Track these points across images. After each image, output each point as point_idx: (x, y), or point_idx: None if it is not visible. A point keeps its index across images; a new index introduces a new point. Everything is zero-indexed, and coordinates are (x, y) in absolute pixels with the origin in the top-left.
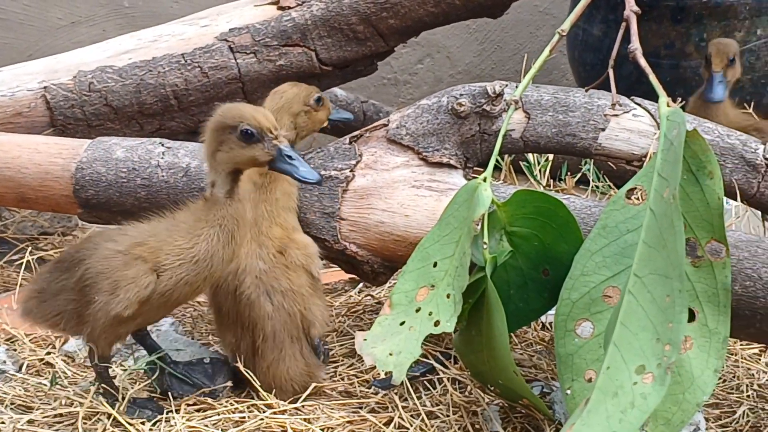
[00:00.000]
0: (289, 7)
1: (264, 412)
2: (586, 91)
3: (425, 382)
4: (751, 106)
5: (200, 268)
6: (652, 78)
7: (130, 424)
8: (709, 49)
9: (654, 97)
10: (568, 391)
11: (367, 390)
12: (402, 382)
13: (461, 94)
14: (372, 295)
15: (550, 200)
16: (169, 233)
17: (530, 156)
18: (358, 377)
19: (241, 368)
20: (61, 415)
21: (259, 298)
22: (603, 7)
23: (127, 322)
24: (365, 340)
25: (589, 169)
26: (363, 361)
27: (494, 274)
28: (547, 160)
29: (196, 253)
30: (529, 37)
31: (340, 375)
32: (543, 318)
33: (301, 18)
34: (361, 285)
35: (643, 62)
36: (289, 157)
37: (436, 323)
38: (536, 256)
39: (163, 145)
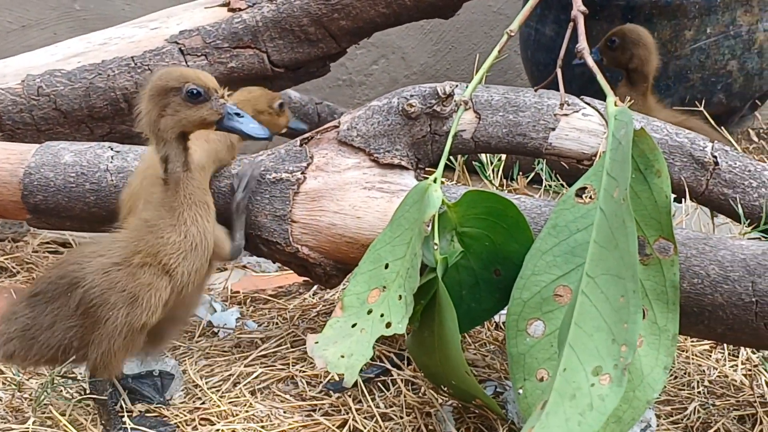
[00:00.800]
0: (240, 9)
1: (217, 423)
2: (536, 91)
3: (379, 383)
4: (702, 104)
5: (201, 250)
6: (600, 77)
7: None
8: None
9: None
10: (521, 391)
11: (320, 393)
12: (355, 384)
13: (411, 95)
14: (326, 298)
15: (500, 200)
16: (155, 237)
17: (483, 156)
18: (311, 380)
19: (192, 374)
20: None
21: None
22: (555, 7)
23: (144, 330)
24: (317, 342)
25: (542, 169)
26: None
27: (446, 275)
28: (499, 159)
29: (192, 240)
30: (484, 37)
31: (293, 378)
32: (496, 318)
33: (251, 20)
34: (315, 288)
35: (590, 62)
36: (238, 114)
37: (388, 325)
38: (487, 256)
39: (111, 149)
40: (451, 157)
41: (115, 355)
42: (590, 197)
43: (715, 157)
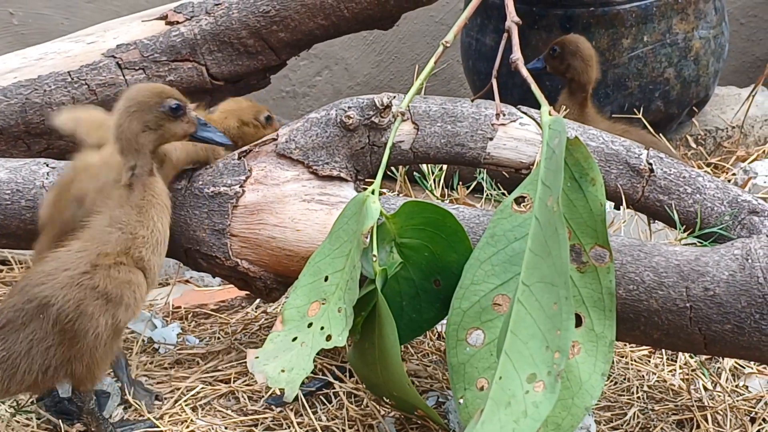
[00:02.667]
0: (178, 22)
1: None
2: (472, 101)
3: (321, 396)
4: (641, 112)
5: (163, 247)
6: (534, 87)
7: None
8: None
9: (549, 102)
10: (461, 401)
11: (262, 407)
12: (297, 397)
13: (349, 107)
14: (268, 312)
15: (438, 211)
16: (122, 232)
17: (424, 166)
18: (253, 395)
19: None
20: None
21: None
22: (495, 17)
23: (122, 332)
24: (257, 357)
25: (483, 178)
26: None
27: (386, 286)
28: (440, 169)
29: (158, 236)
30: (426, 47)
31: (234, 393)
32: (439, 327)
33: (189, 33)
34: (258, 301)
35: (524, 71)
36: (205, 125)
37: (328, 338)
38: (427, 267)
39: (47, 165)
40: (392, 168)
41: (99, 365)
42: (528, 206)
43: (651, 164)
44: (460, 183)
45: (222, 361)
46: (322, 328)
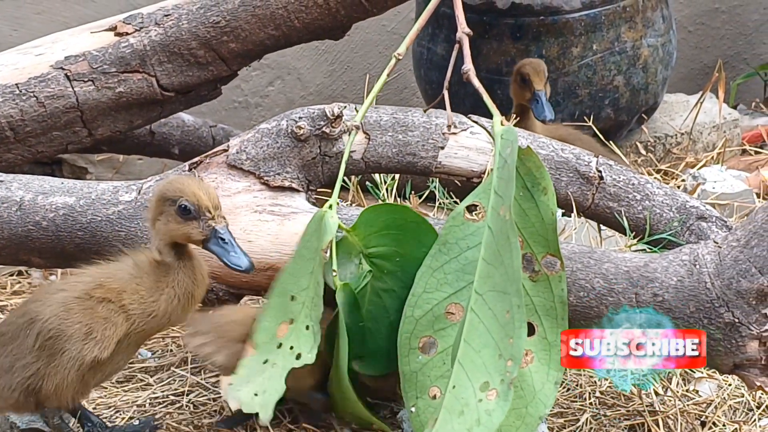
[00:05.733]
0: (127, 33)
1: None
2: (425, 111)
3: (277, 413)
4: (590, 119)
5: (156, 322)
6: (486, 98)
7: None
8: (525, 69)
9: (501, 112)
10: (413, 409)
11: (215, 421)
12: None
13: (300, 117)
14: None
15: (395, 209)
16: (131, 280)
17: (376, 175)
18: (206, 408)
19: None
20: None
21: None
22: (446, 27)
23: (97, 366)
24: (231, 384)
25: (435, 187)
26: (211, 392)
27: (368, 302)
28: (393, 179)
29: (155, 309)
30: (378, 57)
31: (186, 407)
32: None
33: (139, 44)
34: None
35: (476, 82)
36: (222, 239)
37: (298, 356)
38: (402, 273)
39: None
40: (344, 178)
41: (67, 387)
42: (481, 215)
43: (600, 171)
44: (413, 192)
45: (174, 374)
46: (291, 347)
